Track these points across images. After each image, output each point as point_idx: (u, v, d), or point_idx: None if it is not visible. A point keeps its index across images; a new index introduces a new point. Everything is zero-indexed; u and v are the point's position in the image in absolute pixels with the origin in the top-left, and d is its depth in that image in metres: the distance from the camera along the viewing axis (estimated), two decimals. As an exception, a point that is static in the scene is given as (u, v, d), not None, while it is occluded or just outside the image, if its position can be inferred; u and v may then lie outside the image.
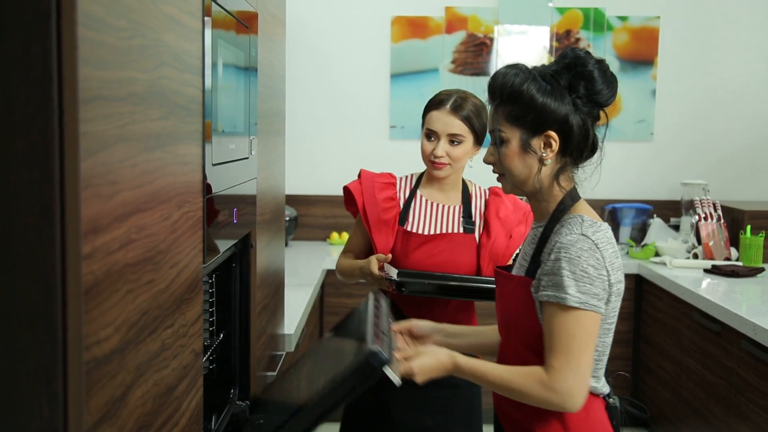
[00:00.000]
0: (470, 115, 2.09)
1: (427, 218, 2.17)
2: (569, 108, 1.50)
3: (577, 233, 1.45)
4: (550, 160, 1.52)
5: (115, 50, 0.79)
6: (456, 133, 2.08)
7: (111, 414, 0.79)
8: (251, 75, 1.64)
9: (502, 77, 1.54)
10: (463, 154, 2.11)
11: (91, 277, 0.73)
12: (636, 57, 4.24)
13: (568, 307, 1.42)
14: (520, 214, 2.16)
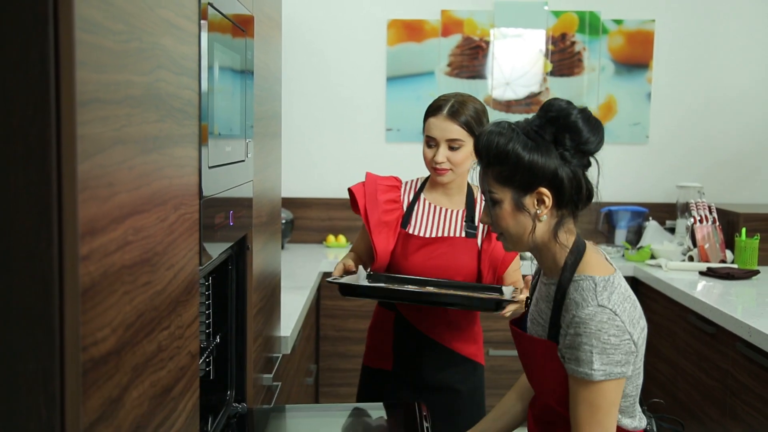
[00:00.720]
0: (469, 119, 2.07)
1: (430, 221, 2.17)
2: (557, 162, 1.48)
3: (593, 305, 1.44)
4: (545, 216, 1.51)
5: (113, 53, 0.79)
6: (454, 138, 2.07)
7: (108, 415, 0.80)
8: (247, 78, 1.65)
9: (486, 138, 1.52)
10: (464, 159, 2.10)
11: (88, 278, 0.73)
12: (631, 60, 4.26)
13: (594, 382, 1.43)
14: None
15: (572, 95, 4.26)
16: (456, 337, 2.18)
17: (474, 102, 2.13)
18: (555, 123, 1.49)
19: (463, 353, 2.20)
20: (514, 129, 1.52)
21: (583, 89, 4.27)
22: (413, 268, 2.12)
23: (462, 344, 2.20)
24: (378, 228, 2.15)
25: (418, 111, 4.22)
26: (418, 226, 2.16)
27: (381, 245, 2.14)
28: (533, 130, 1.50)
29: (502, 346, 3.85)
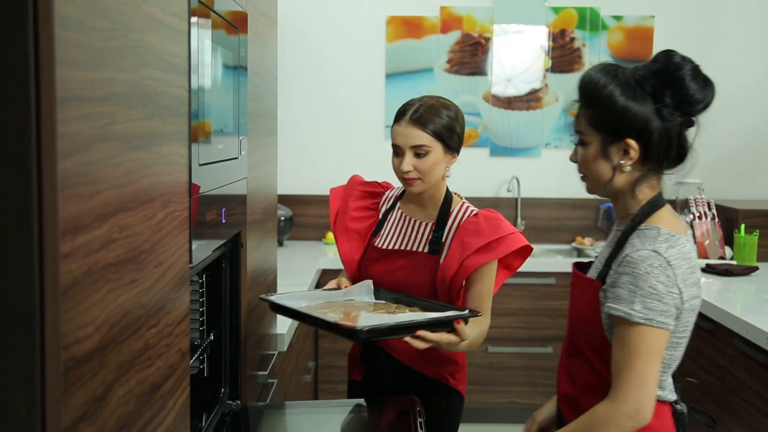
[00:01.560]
0: (434, 123, 1.88)
1: (397, 233, 2.02)
2: (651, 115, 1.45)
3: (648, 249, 1.42)
4: (628, 168, 1.49)
5: (95, 51, 0.79)
6: (419, 145, 1.87)
7: (91, 413, 0.80)
8: (241, 75, 1.65)
9: (588, 79, 1.51)
10: (433, 166, 1.89)
11: (69, 276, 0.73)
12: (631, 56, 4.25)
13: (633, 323, 1.41)
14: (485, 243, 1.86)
15: (572, 91, 4.25)
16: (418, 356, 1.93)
17: (443, 104, 1.93)
18: (659, 75, 1.47)
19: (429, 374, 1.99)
20: (617, 73, 1.49)
21: (582, 86, 4.25)
22: (373, 277, 1.98)
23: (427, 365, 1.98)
24: (344, 234, 2.06)
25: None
26: (384, 237, 2.02)
27: (344, 253, 2.04)
28: (635, 79, 1.48)
29: (501, 343, 3.85)
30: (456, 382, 2.02)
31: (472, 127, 4.27)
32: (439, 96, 1.98)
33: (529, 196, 4.32)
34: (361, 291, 1.93)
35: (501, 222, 1.91)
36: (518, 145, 4.30)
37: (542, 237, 4.33)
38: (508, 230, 1.88)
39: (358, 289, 1.93)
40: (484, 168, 4.32)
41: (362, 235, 2.06)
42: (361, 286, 1.94)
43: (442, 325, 1.69)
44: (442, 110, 1.90)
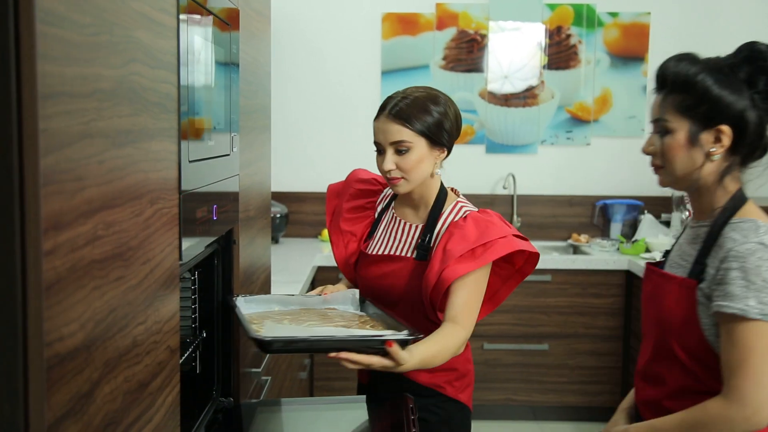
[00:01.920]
0: (414, 116, 1.73)
1: (388, 236, 1.89)
2: (746, 103, 1.44)
3: (754, 241, 1.39)
4: (717, 156, 1.46)
5: (79, 46, 0.78)
6: (398, 141, 1.73)
7: (76, 410, 0.79)
8: (232, 72, 1.64)
9: (675, 65, 1.49)
10: (417, 163, 1.75)
11: (53, 273, 0.73)
12: (627, 53, 4.25)
13: (748, 320, 1.36)
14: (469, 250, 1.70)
15: (568, 88, 4.25)
16: None
17: (430, 95, 1.77)
18: (752, 63, 1.45)
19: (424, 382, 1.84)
20: (706, 61, 1.49)
21: (578, 82, 4.26)
22: (365, 285, 1.88)
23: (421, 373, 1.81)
24: (338, 237, 1.96)
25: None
26: (377, 240, 1.91)
27: (339, 256, 1.96)
28: (726, 66, 1.47)
29: (497, 340, 3.85)
30: (455, 391, 1.86)
31: (468, 124, 4.27)
32: (429, 87, 1.83)
33: (525, 193, 4.32)
34: (345, 300, 1.82)
35: (491, 225, 1.73)
36: (514, 142, 4.29)
37: (538, 234, 4.33)
38: (497, 234, 1.70)
39: (341, 297, 1.83)
40: (480, 165, 4.31)
41: (357, 237, 1.96)
42: (345, 295, 1.83)
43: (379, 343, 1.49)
44: (426, 102, 1.75)
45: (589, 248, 4.07)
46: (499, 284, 1.87)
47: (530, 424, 3.92)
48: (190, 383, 1.75)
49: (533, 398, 3.90)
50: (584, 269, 3.81)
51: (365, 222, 1.97)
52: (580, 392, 3.89)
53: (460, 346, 1.69)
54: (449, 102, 1.81)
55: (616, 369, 3.87)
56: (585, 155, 4.30)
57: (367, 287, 1.88)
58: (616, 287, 3.83)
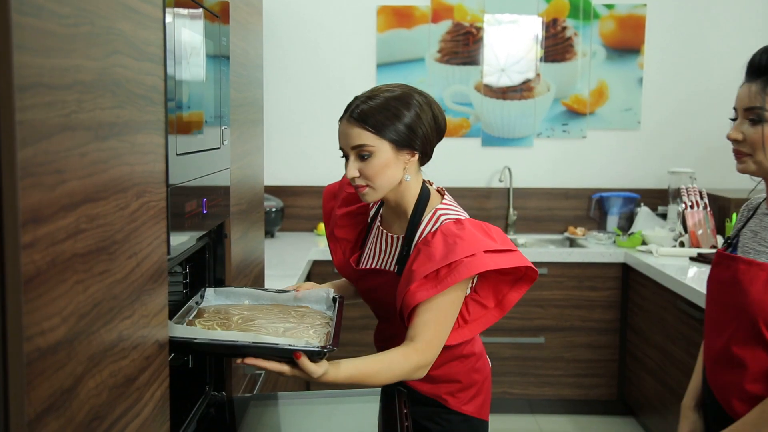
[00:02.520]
0: (375, 118, 1.60)
1: (374, 249, 1.80)
2: None
3: None
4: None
5: (58, 37, 0.77)
6: (359, 145, 1.62)
7: (58, 405, 0.79)
8: (222, 64, 1.63)
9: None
10: (381, 169, 1.62)
11: (32, 267, 0.72)
12: (623, 45, 4.23)
13: None
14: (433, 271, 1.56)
15: (564, 81, 4.24)
16: None
17: (397, 95, 1.64)
18: None
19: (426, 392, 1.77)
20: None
21: (574, 75, 4.24)
22: (363, 297, 1.84)
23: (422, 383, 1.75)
24: (335, 244, 1.90)
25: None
26: (366, 252, 1.82)
27: (337, 261, 1.90)
28: None
29: (493, 333, 3.85)
30: (457, 403, 1.77)
31: (464, 117, 4.26)
32: (404, 86, 1.68)
33: (521, 186, 4.31)
34: (318, 299, 1.71)
35: (459, 242, 1.56)
36: (510, 135, 4.28)
37: (534, 227, 4.32)
38: (463, 252, 1.54)
39: (314, 296, 1.72)
40: (476, 158, 4.30)
41: (352, 244, 1.88)
42: (318, 294, 1.72)
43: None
44: (392, 103, 1.61)
45: (586, 241, 4.07)
46: (507, 289, 1.71)
47: (527, 417, 3.92)
48: (182, 378, 1.75)
49: (529, 391, 3.90)
50: (580, 262, 3.81)
51: (359, 228, 1.89)
52: (576, 385, 3.89)
53: (413, 369, 1.56)
54: (424, 102, 1.67)
55: (613, 362, 3.87)
56: (581, 148, 4.29)
57: (364, 299, 1.84)
58: (613, 280, 3.83)
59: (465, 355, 1.77)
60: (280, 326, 1.53)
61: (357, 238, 1.89)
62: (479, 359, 1.82)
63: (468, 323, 1.71)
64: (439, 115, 1.70)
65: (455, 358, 1.76)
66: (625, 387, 3.85)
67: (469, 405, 1.79)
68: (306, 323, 1.57)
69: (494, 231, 1.64)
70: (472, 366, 1.79)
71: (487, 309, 1.72)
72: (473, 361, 1.80)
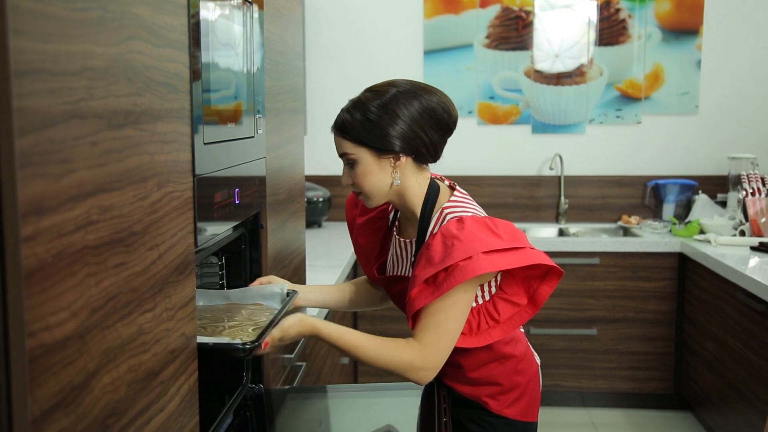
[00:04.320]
0: (350, 125, 1.60)
1: (395, 255, 1.78)
2: None
3: None
4: None
5: (63, 22, 0.75)
6: (344, 153, 1.63)
7: (68, 401, 0.76)
8: (255, 51, 1.60)
9: None
10: (364, 176, 1.60)
11: (35, 260, 0.70)
12: (680, 27, 4.07)
13: None
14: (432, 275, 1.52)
15: (617, 65, 4.11)
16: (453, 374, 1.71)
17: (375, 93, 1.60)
18: None
19: (467, 394, 1.73)
20: None
21: (628, 59, 4.10)
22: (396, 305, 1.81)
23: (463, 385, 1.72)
24: (359, 251, 1.90)
25: (457, 85, 4.14)
26: (389, 259, 1.80)
27: (365, 267, 1.89)
28: None
29: (544, 325, 3.76)
30: (499, 405, 1.71)
31: (514, 104, 4.16)
32: (392, 82, 1.62)
33: (572, 173, 4.20)
34: (273, 295, 1.64)
35: (457, 243, 1.50)
36: (561, 122, 4.17)
37: (586, 216, 4.21)
38: (460, 255, 1.48)
39: (269, 291, 1.65)
40: (526, 145, 4.21)
41: (376, 252, 1.86)
42: (272, 290, 1.65)
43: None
44: (368, 105, 1.58)
45: (640, 230, 3.94)
46: (537, 284, 1.65)
47: (579, 411, 3.83)
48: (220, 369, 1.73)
49: (582, 384, 3.81)
50: (634, 252, 3.69)
51: (380, 235, 1.86)
52: (630, 378, 3.78)
53: (408, 365, 1.52)
54: (411, 98, 1.58)
55: (668, 355, 3.75)
56: (636, 134, 4.15)
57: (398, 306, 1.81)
58: (668, 270, 3.70)
59: (505, 356, 1.70)
60: (221, 325, 1.47)
61: (380, 245, 1.85)
62: (521, 361, 1.74)
63: (499, 323, 1.64)
64: (437, 107, 1.60)
65: (494, 359, 1.70)
66: (682, 381, 3.72)
67: (511, 408, 1.73)
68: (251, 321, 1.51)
69: (501, 227, 1.56)
70: (513, 368, 1.72)
71: (520, 306, 1.65)
72: (514, 363, 1.72)
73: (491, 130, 4.19)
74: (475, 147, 4.18)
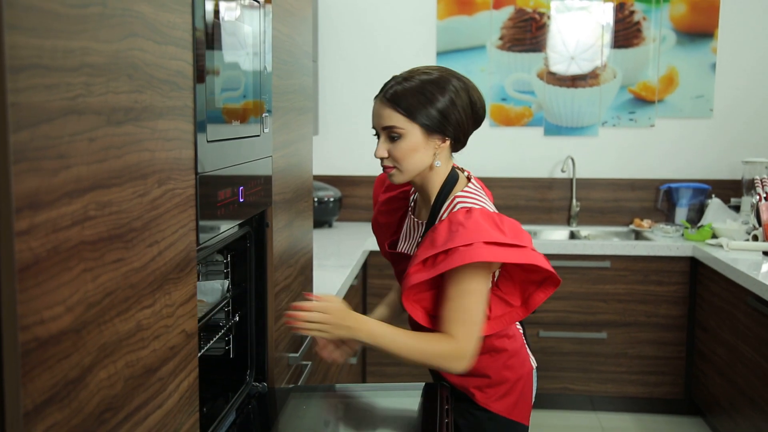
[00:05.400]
0: (408, 101, 1.59)
1: (407, 233, 1.83)
2: None
3: None
4: None
5: (61, 18, 0.75)
6: (389, 126, 1.62)
7: (62, 396, 0.77)
8: (263, 50, 1.60)
9: None
10: (409, 152, 1.62)
11: (29, 254, 0.70)
12: (695, 29, 4.05)
13: None
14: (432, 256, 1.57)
15: (631, 67, 4.08)
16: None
17: (434, 78, 1.62)
18: None
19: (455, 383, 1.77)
20: None
21: (642, 61, 4.08)
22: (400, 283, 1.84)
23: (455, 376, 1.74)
24: (379, 231, 1.95)
25: (470, 86, 4.12)
26: (401, 237, 1.84)
27: (382, 249, 1.94)
28: None
29: (554, 328, 3.75)
30: (485, 398, 1.74)
31: (526, 106, 4.15)
32: (444, 69, 1.67)
33: (584, 176, 4.18)
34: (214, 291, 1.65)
35: (461, 229, 1.54)
36: (574, 124, 4.16)
37: (598, 219, 4.19)
38: (462, 240, 1.52)
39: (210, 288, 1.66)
40: (538, 148, 4.19)
41: (393, 230, 1.91)
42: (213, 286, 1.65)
43: None
44: (427, 86, 1.60)
45: (652, 234, 3.91)
46: (533, 289, 1.67)
47: (588, 414, 3.81)
48: (223, 367, 1.74)
49: (591, 388, 3.79)
50: (646, 255, 3.67)
51: (398, 214, 1.90)
52: (640, 383, 3.76)
53: (448, 354, 1.57)
54: (462, 87, 1.64)
55: (679, 359, 3.72)
56: (649, 137, 4.13)
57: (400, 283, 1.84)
58: (680, 274, 3.67)
59: (496, 349, 1.73)
60: None
61: (396, 224, 1.90)
62: (512, 357, 1.76)
63: (489, 320, 1.66)
64: (477, 101, 1.68)
65: (486, 351, 1.72)
66: (693, 386, 3.69)
67: (498, 403, 1.74)
68: None
69: (507, 224, 1.59)
70: (503, 362, 1.74)
71: (512, 307, 1.68)
72: (505, 357, 1.74)
73: (503, 131, 4.18)
74: (487, 148, 4.17)
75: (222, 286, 1.69)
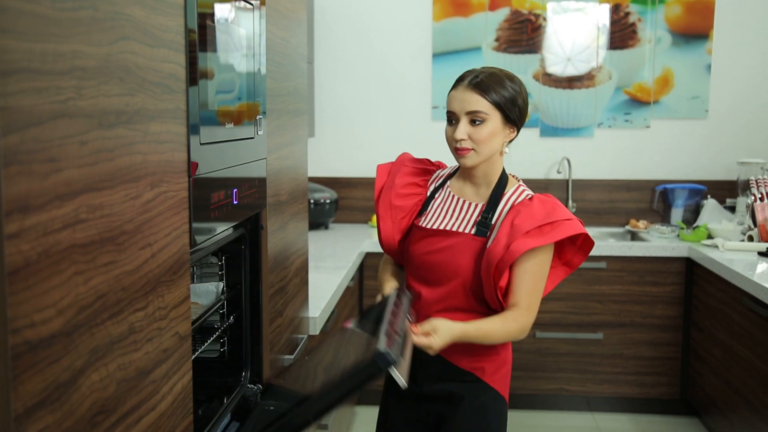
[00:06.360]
0: (493, 90, 1.77)
1: (444, 212, 1.90)
2: None
3: None
4: None
5: (51, 22, 0.75)
6: (475, 110, 1.77)
7: (54, 398, 0.77)
8: (257, 53, 1.60)
9: None
10: (489, 136, 1.79)
11: (19, 257, 0.70)
12: (690, 30, 4.05)
13: None
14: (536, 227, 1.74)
15: (626, 69, 4.09)
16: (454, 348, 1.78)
17: (507, 74, 1.83)
18: None
19: (465, 367, 1.87)
20: None
21: (637, 62, 4.09)
22: (413, 258, 1.89)
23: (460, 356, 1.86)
24: (387, 212, 1.96)
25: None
26: (430, 216, 1.91)
27: (385, 232, 1.96)
28: None
29: (550, 328, 3.75)
30: (490, 374, 1.87)
31: (522, 107, 4.15)
32: (502, 68, 1.87)
33: (580, 177, 4.19)
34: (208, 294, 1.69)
35: (557, 207, 1.79)
36: (569, 125, 4.16)
37: (594, 220, 4.19)
38: (563, 216, 1.76)
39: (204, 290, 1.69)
40: (534, 149, 4.20)
41: (407, 213, 1.96)
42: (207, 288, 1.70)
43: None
44: (504, 79, 1.81)
45: (648, 234, 3.92)
46: (571, 254, 1.90)
47: (584, 415, 3.81)
48: (218, 369, 1.74)
49: (587, 388, 3.79)
50: (641, 256, 3.67)
51: (416, 199, 1.98)
52: (636, 383, 3.76)
53: (521, 330, 1.77)
54: (522, 83, 1.87)
55: (675, 360, 3.73)
56: (644, 138, 4.14)
57: (416, 263, 1.89)
58: (676, 275, 3.68)
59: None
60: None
61: (414, 209, 1.97)
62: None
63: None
64: (527, 96, 1.89)
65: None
66: (689, 386, 3.70)
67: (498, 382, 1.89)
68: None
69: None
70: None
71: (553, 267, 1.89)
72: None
73: (499, 133, 4.18)
74: (482, 150, 4.17)
75: (216, 288, 1.69)
